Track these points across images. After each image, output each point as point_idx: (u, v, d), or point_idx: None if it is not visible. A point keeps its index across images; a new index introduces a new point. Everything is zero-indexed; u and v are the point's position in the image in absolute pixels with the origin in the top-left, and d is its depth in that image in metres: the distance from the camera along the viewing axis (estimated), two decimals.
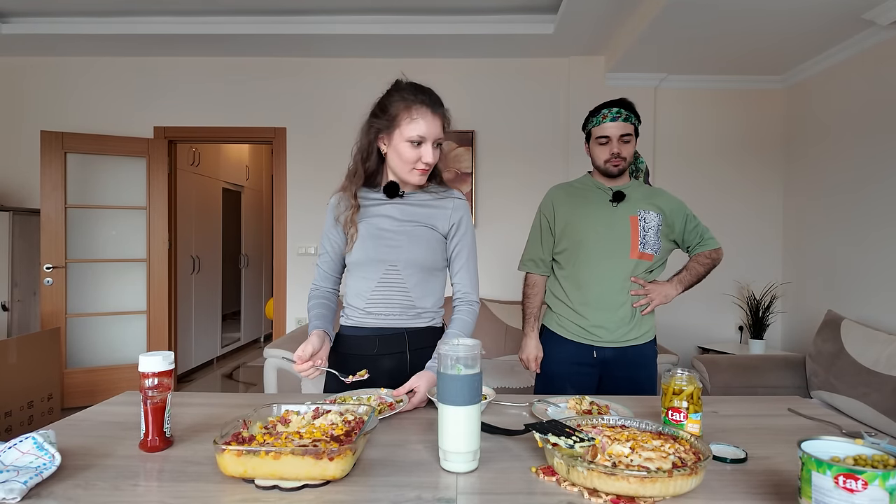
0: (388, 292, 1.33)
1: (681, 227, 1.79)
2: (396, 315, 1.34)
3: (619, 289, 1.71)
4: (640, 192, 1.78)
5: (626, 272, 1.71)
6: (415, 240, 1.32)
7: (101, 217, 3.90)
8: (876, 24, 2.84)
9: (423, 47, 3.72)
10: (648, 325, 1.77)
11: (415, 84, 1.31)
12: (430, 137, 1.27)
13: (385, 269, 1.32)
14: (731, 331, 3.93)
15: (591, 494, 0.76)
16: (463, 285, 1.39)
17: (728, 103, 3.88)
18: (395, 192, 1.34)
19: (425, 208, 1.36)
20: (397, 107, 1.27)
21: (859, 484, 0.62)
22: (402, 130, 1.26)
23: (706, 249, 1.80)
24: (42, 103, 3.94)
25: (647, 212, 1.73)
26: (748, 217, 3.90)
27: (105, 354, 3.90)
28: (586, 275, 1.73)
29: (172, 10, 3.39)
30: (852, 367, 2.46)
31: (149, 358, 0.94)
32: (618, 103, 1.72)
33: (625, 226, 1.71)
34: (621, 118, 1.70)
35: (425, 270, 1.34)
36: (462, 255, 1.38)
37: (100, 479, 0.82)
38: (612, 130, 1.69)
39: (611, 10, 3.11)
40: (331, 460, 0.77)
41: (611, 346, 1.72)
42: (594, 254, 1.72)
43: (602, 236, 1.72)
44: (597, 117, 1.73)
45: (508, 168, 3.94)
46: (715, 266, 1.81)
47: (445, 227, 1.37)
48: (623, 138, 1.70)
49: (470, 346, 0.87)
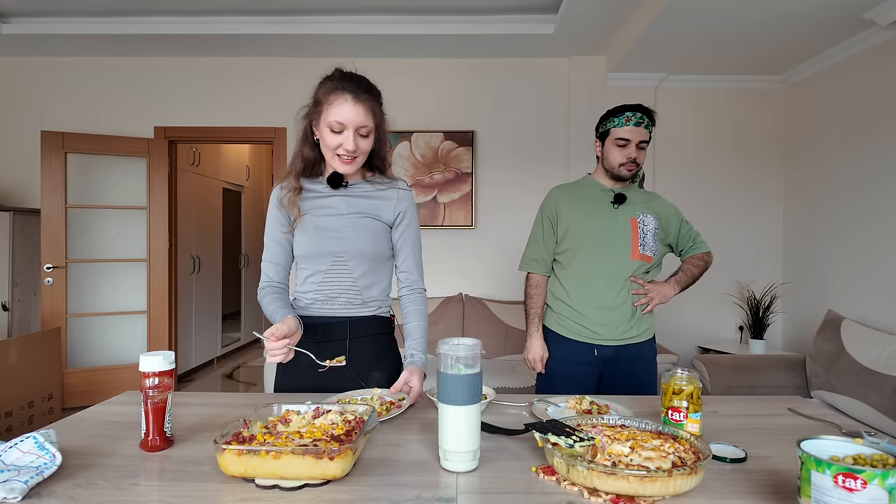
0: (335, 283, 1.34)
1: (675, 232, 1.84)
2: (342, 304, 1.35)
3: (620, 288, 1.74)
4: (639, 195, 1.82)
5: (627, 273, 1.74)
6: (360, 231, 1.34)
7: (101, 217, 3.90)
8: (876, 24, 2.84)
9: (423, 47, 3.72)
10: (647, 323, 1.80)
11: (348, 72, 1.30)
12: (350, 125, 1.25)
13: (332, 261, 1.34)
14: (732, 331, 3.93)
15: (591, 494, 0.76)
16: (410, 273, 1.42)
17: (728, 103, 3.88)
18: (338, 183, 1.34)
19: (370, 199, 1.37)
20: (323, 93, 1.28)
21: (859, 483, 0.62)
22: (325, 116, 1.26)
23: (698, 253, 1.86)
24: (42, 103, 3.94)
25: (646, 215, 1.77)
26: (748, 217, 3.90)
27: (105, 354, 3.90)
28: (589, 274, 1.75)
29: (172, 10, 3.39)
30: (852, 367, 2.46)
31: (149, 358, 0.94)
32: (641, 108, 1.72)
33: (625, 227, 1.74)
34: (644, 124, 1.71)
35: (372, 260, 1.36)
36: (407, 245, 1.41)
37: (100, 479, 0.82)
38: (634, 135, 1.70)
39: (611, 10, 3.11)
40: (331, 460, 0.77)
41: (611, 344, 1.74)
42: (597, 254, 1.74)
43: (604, 237, 1.75)
44: (619, 118, 1.73)
45: (508, 168, 3.94)
46: (707, 268, 1.86)
47: (391, 218, 1.38)
48: (640, 144, 1.72)
49: (470, 346, 0.88)
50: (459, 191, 3.93)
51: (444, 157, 3.92)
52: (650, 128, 1.74)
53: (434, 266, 3.97)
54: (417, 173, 3.93)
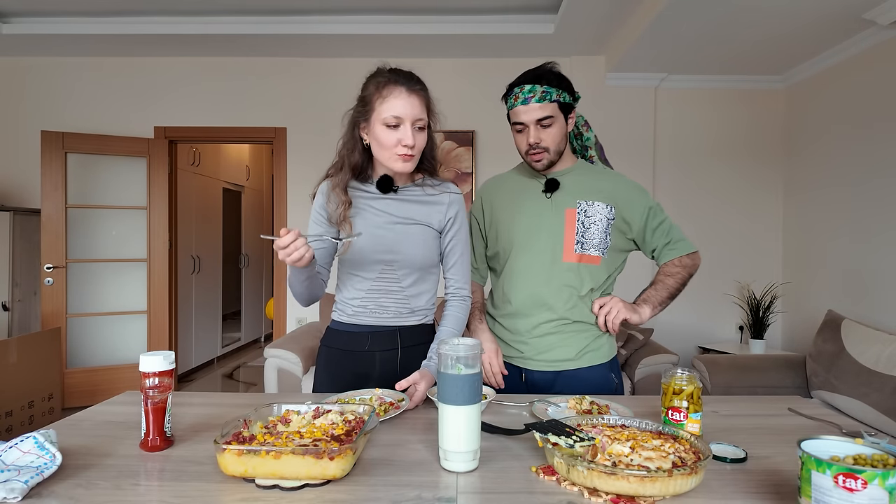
0: (383, 291, 1.31)
1: (640, 224, 1.43)
2: (391, 313, 1.33)
3: (548, 297, 1.40)
4: (586, 178, 1.45)
5: (560, 279, 1.40)
6: (412, 239, 1.29)
7: (101, 217, 3.90)
8: (876, 24, 2.84)
9: (424, 47, 3.72)
10: (598, 343, 1.43)
11: (395, 67, 1.26)
12: (407, 118, 1.19)
13: (381, 269, 1.30)
14: (732, 331, 3.93)
15: (591, 494, 0.76)
16: (456, 280, 1.37)
17: (728, 103, 3.88)
18: (388, 187, 1.28)
19: (421, 205, 1.32)
20: (371, 90, 1.22)
21: (859, 483, 0.62)
22: (378, 113, 1.20)
23: (677, 255, 1.43)
24: (42, 103, 3.94)
25: (591, 202, 1.41)
26: (748, 217, 3.90)
27: (105, 354, 3.91)
28: (513, 282, 1.44)
29: (172, 10, 3.39)
30: (852, 367, 2.46)
31: (149, 358, 0.94)
32: (532, 77, 1.36)
33: (558, 221, 1.41)
34: (535, 98, 1.33)
35: (422, 270, 1.33)
36: (456, 251, 1.36)
37: (101, 479, 0.82)
38: (526, 115, 1.35)
39: (611, 10, 3.11)
40: (331, 460, 0.77)
41: (539, 369, 1.42)
42: (522, 256, 1.43)
43: (531, 235, 1.43)
44: (508, 99, 1.40)
45: (508, 168, 3.94)
46: (691, 276, 1.45)
47: (441, 223, 1.34)
48: (542, 122, 1.34)
49: (470, 346, 0.87)
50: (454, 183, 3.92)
51: (444, 157, 3.92)
52: (551, 97, 1.33)
53: None
54: None
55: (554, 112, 1.34)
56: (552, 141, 1.37)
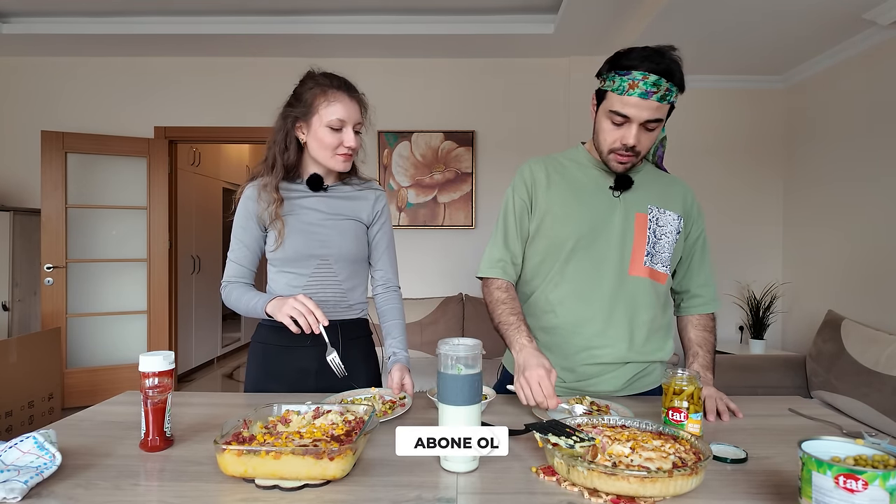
0: (320, 286, 1.34)
1: (690, 250, 1.26)
2: (329, 308, 1.34)
3: (607, 317, 1.18)
4: (657, 181, 1.24)
5: (621, 297, 1.18)
6: (344, 233, 1.34)
7: (101, 217, 3.90)
8: (876, 24, 2.84)
9: (424, 47, 3.72)
10: (650, 369, 1.25)
11: (330, 73, 1.33)
12: (349, 121, 1.28)
13: (317, 264, 1.33)
14: (732, 331, 3.92)
15: (592, 494, 0.76)
16: (385, 271, 1.44)
17: (728, 103, 3.88)
18: (318, 185, 1.34)
19: (349, 200, 1.38)
20: (313, 93, 1.28)
21: (859, 484, 0.62)
22: (321, 116, 1.27)
23: (707, 310, 1.25)
24: (42, 103, 3.94)
25: (663, 210, 1.20)
26: (748, 217, 3.90)
27: (105, 354, 3.90)
28: (562, 288, 1.20)
29: (172, 10, 3.39)
30: (852, 367, 2.46)
31: (149, 358, 0.94)
32: (662, 68, 1.07)
33: (627, 226, 1.19)
34: (657, 95, 1.07)
35: (355, 263, 1.37)
36: (382, 243, 1.42)
37: (100, 479, 0.82)
38: (639, 110, 1.09)
39: (611, 10, 3.11)
40: (331, 460, 0.77)
41: (571, 396, 1.19)
42: (578, 259, 1.19)
43: (594, 236, 1.19)
44: (623, 78, 1.08)
45: (508, 168, 3.94)
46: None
47: (369, 218, 1.40)
48: (648, 125, 1.11)
49: (470, 347, 0.87)
50: (459, 191, 3.93)
51: (444, 157, 3.92)
52: (670, 98, 1.09)
53: (434, 266, 3.97)
54: (417, 173, 3.93)
55: (664, 115, 1.12)
56: (648, 146, 1.15)
